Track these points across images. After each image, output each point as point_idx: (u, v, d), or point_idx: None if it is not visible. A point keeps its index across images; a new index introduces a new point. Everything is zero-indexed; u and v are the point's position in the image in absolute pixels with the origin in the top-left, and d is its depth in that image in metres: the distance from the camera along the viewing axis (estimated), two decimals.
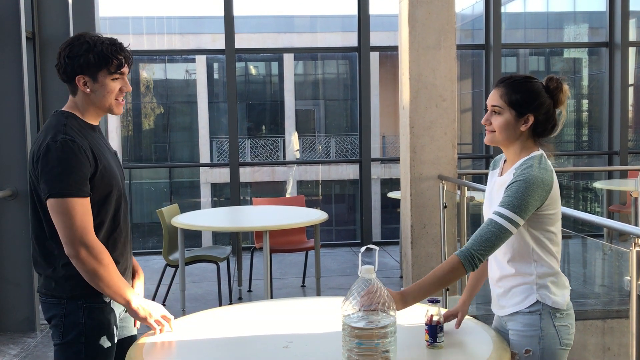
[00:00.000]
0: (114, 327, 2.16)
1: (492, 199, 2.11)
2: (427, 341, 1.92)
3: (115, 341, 2.17)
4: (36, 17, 5.84)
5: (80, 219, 1.99)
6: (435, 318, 1.91)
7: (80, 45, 2.06)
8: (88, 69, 2.06)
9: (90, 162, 2.03)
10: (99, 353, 2.10)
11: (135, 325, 2.29)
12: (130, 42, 2.24)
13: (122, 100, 2.15)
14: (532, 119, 2.02)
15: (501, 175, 2.11)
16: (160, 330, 2.13)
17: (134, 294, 2.11)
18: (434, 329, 1.91)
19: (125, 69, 2.12)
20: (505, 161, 2.14)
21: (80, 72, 2.07)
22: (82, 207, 2.00)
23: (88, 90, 2.09)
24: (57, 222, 2.00)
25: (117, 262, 2.12)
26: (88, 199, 2.03)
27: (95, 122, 2.17)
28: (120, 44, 2.12)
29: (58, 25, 5.89)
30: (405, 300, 1.93)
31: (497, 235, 1.92)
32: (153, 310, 2.13)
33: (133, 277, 2.34)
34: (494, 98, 2.06)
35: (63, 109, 2.14)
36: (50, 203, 2.00)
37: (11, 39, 4.73)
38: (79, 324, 2.07)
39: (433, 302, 1.95)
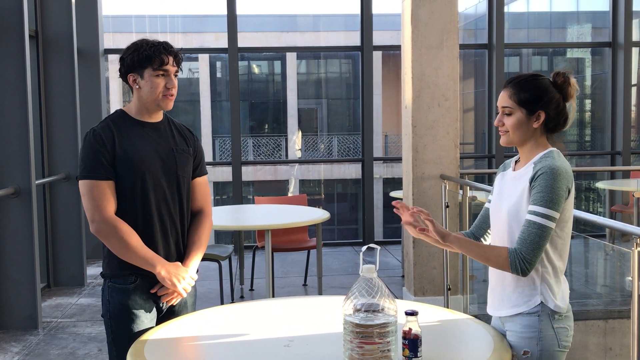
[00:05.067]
0: (138, 312, 2.26)
1: (502, 193, 2.10)
2: (406, 357, 1.77)
3: (142, 328, 2.25)
4: (39, 15, 5.85)
5: (95, 198, 2.21)
6: (414, 331, 1.77)
7: (129, 48, 2.28)
8: (134, 67, 2.27)
9: (108, 150, 2.22)
10: (122, 332, 2.25)
11: (166, 300, 2.33)
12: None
13: (171, 96, 2.30)
14: (544, 115, 2.02)
15: (514, 171, 2.11)
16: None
17: (161, 264, 2.25)
18: (414, 343, 1.77)
19: (169, 67, 2.29)
20: (517, 162, 2.14)
21: (130, 71, 2.29)
22: (98, 188, 2.21)
23: (137, 87, 2.29)
24: (83, 202, 2.25)
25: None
26: (107, 182, 2.23)
27: (147, 119, 2.34)
28: (166, 45, 2.29)
29: (61, 24, 5.90)
30: (444, 236, 1.99)
31: (539, 235, 1.92)
32: (176, 280, 2.28)
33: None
34: (503, 99, 2.06)
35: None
36: (79, 185, 2.26)
37: (14, 37, 4.73)
38: (107, 302, 2.30)
39: (411, 314, 1.79)
